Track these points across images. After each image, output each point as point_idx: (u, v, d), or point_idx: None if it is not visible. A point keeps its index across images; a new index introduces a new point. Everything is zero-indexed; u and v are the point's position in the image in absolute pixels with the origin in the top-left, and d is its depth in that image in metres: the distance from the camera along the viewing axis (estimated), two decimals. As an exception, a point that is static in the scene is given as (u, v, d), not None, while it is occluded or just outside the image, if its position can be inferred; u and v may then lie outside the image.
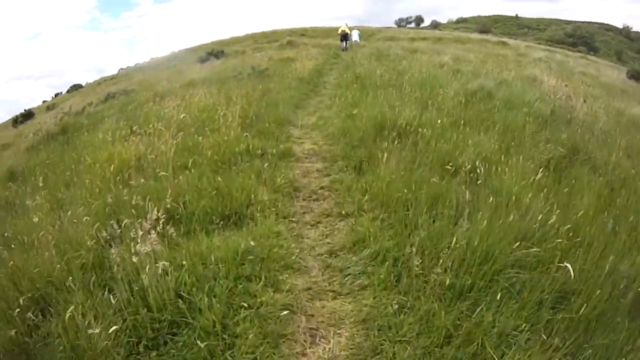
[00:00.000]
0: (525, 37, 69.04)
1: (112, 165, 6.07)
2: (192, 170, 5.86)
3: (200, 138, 7.00)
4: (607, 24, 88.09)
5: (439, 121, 7.10)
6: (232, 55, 27.22)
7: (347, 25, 26.56)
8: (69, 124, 12.71)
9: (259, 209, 5.03)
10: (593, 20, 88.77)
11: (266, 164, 6.14)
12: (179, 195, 5.15)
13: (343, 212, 5.10)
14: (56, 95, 52.19)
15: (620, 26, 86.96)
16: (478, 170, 5.30)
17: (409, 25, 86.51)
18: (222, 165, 6.15)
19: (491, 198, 4.55)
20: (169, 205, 4.74)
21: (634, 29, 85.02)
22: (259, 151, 6.62)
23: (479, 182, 5.11)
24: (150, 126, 7.62)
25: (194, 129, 7.66)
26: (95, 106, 17.83)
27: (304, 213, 5.23)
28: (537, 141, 7.31)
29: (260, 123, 8.20)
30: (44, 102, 46.83)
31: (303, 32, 42.85)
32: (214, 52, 28.29)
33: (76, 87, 47.89)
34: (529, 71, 16.04)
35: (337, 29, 27.94)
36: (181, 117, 8.18)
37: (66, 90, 50.50)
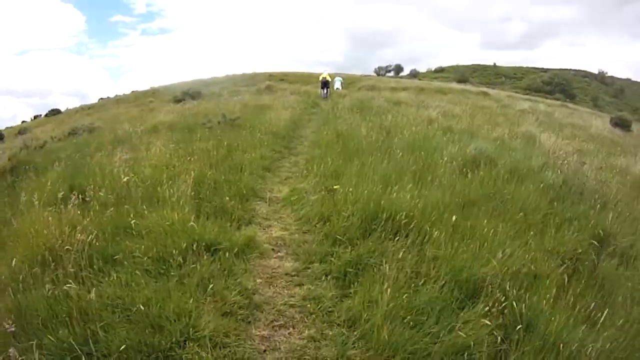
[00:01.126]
0: (503, 86, 69.66)
1: (15, 259, 4.44)
2: (116, 275, 4.26)
3: (134, 222, 5.19)
4: (583, 70, 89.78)
5: (445, 213, 5.50)
6: (209, 96, 26.01)
7: (327, 73, 25.52)
8: (22, 161, 10.98)
9: (198, 349, 3.47)
10: (569, 67, 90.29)
11: (218, 267, 4.55)
12: (91, 319, 3.64)
13: (320, 358, 3.53)
14: (35, 117, 53.29)
15: (596, 72, 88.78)
16: (512, 302, 3.81)
17: (388, 74, 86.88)
18: (158, 267, 4.52)
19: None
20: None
21: (609, 74, 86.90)
22: (210, 246, 4.92)
23: (518, 327, 3.58)
24: (84, 193, 6.12)
25: (132, 202, 6.00)
26: (58, 141, 16.41)
27: (264, 352, 3.64)
28: (558, 225, 6.04)
29: (219, 195, 6.56)
30: (23, 122, 47.09)
31: (283, 77, 42.22)
32: (191, 91, 27.18)
33: (54, 112, 48.33)
34: (524, 128, 14.96)
35: (317, 75, 27.00)
36: (124, 179, 6.59)
37: (45, 113, 50.78)
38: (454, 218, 5.08)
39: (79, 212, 5.50)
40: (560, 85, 71.79)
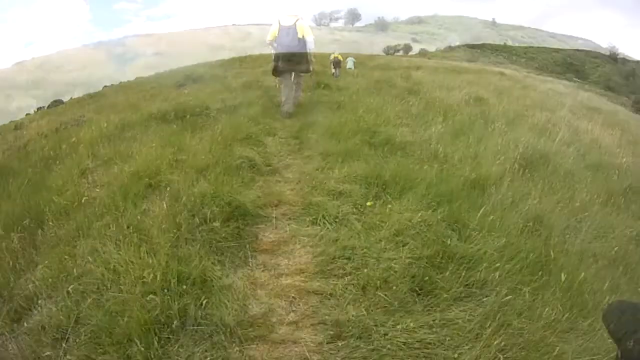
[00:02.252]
0: (515, 65, 67.97)
1: None
2: None
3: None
4: (595, 52, 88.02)
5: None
6: (212, 79, 24.60)
7: (338, 52, 24.16)
8: (-3, 167, 9.55)
9: None
10: (579, 47, 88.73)
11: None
12: None
13: None
14: (38, 109, 52.00)
15: (606, 48, 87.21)
16: None
17: (397, 53, 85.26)
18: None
19: None
20: None
21: (620, 53, 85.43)
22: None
23: None
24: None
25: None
26: (45, 137, 15.04)
27: None
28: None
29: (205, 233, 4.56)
30: (26, 114, 46.55)
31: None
32: (194, 75, 25.84)
33: (57, 103, 47.04)
34: (557, 114, 13.41)
35: (327, 55, 25.70)
36: (83, 200, 4.99)
37: (47, 105, 50.14)
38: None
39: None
40: (574, 66, 70.46)
